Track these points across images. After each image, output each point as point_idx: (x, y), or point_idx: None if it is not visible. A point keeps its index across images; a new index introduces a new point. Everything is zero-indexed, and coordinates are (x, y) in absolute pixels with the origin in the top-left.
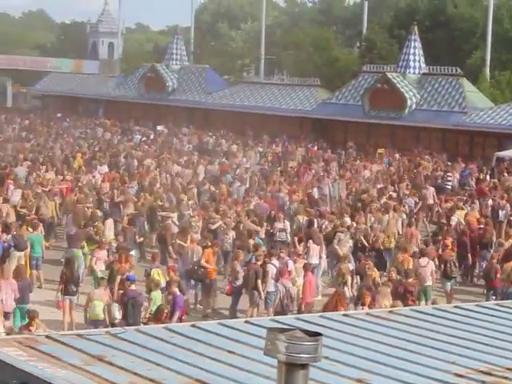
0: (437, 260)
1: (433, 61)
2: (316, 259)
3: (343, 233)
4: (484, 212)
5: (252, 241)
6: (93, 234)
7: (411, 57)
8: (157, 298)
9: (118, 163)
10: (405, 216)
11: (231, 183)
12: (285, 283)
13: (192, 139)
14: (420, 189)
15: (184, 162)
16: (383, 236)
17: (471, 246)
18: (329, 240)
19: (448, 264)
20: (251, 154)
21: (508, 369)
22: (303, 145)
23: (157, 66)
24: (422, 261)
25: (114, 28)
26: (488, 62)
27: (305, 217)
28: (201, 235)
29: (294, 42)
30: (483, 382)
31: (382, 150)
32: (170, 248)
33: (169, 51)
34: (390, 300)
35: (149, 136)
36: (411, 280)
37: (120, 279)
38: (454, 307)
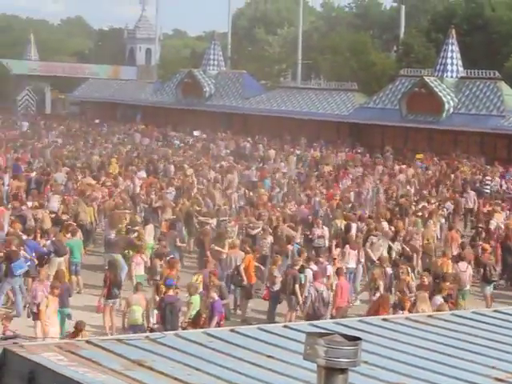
0: (473, 263)
1: (470, 64)
2: (353, 264)
3: (376, 236)
4: None
5: (291, 246)
6: (134, 240)
7: (449, 60)
8: (196, 303)
9: (156, 169)
10: (443, 220)
11: (271, 188)
12: (317, 287)
13: (229, 144)
14: (458, 193)
15: (220, 168)
16: (420, 240)
17: None
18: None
19: (488, 268)
20: (291, 160)
21: None
22: (342, 149)
23: (194, 72)
24: (462, 265)
25: (152, 34)
26: None
27: (343, 221)
28: (241, 241)
29: (331, 47)
30: None
31: (421, 156)
32: (208, 253)
33: (206, 57)
34: (428, 304)
35: (186, 141)
36: (449, 284)
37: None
38: (494, 311)
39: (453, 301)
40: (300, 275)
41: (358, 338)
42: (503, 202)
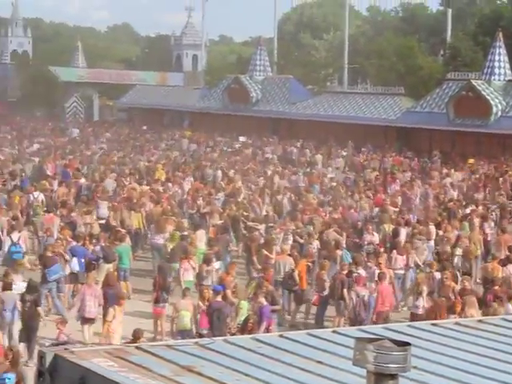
0: None
1: None
2: (401, 269)
3: (421, 240)
4: None
5: (339, 251)
6: (187, 246)
7: (496, 63)
8: (245, 308)
9: (204, 174)
10: (493, 224)
11: (319, 193)
12: (358, 291)
13: (276, 149)
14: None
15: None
16: (467, 243)
17: None
18: None
19: None
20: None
21: None
22: (389, 154)
23: (240, 78)
24: (511, 268)
25: (198, 40)
26: None
27: (390, 226)
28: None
29: (378, 51)
30: None
31: (472, 161)
32: (255, 259)
33: (252, 62)
34: (477, 309)
35: (233, 147)
36: (498, 288)
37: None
38: None
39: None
40: (349, 280)
41: (408, 343)
42: None
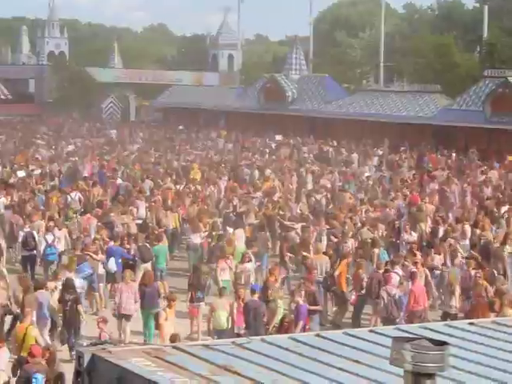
0: None
1: None
2: (438, 268)
3: (454, 239)
4: None
5: (377, 250)
6: (224, 246)
7: None
8: (282, 307)
9: (240, 174)
10: None
11: (356, 192)
12: (389, 290)
13: (312, 148)
14: None
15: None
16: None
17: None
18: None
19: None
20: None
21: None
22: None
23: (276, 77)
24: None
25: (234, 40)
26: None
27: (427, 224)
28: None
29: (414, 49)
30: None
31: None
32: (287, 258)
33: (288, 61)
34: None
35: (270, 146)
36: None
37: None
38: None
39: None
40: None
41: (445, 343)
42: None
